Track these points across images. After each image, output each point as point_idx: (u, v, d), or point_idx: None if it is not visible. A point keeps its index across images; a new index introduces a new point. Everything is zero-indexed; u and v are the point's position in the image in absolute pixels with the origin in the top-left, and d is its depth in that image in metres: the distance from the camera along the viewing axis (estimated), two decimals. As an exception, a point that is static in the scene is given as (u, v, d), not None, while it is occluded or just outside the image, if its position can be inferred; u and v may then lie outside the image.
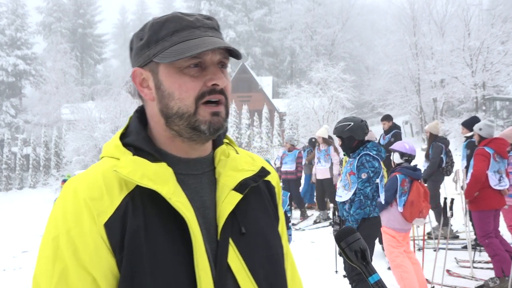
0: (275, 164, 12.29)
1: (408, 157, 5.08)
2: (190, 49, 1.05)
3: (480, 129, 5.75)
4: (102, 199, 1.04)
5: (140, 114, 1.19)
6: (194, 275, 1.04)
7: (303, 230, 9.73)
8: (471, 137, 7.03)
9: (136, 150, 1.11)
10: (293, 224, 9.73)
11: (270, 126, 31.39)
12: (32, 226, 14.06)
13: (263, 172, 1.23)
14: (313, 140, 12.33)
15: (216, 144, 1.22)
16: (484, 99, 25.43)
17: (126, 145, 1.13)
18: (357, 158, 4.51)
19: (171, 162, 1.12)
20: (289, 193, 5.42)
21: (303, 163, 11.19)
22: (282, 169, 10.80)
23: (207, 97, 1.09)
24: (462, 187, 6.87)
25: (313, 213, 11.24)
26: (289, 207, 5.32)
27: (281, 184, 10.90)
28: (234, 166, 1.18)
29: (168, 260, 1.03)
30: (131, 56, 1.18)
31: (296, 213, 11.16)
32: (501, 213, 5.89)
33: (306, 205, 11.44)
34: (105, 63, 60.78)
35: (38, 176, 32.32)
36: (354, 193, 4.45)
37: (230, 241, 1.10)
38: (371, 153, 4.49)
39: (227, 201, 1.12)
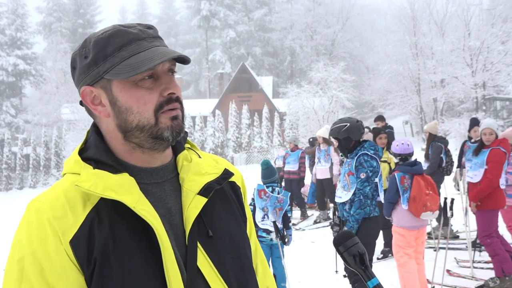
0: (274, 164, 12.28)
1: (401, 156, 5.09)
2: (143, 62, 1.05)
3: (497, 128, 5.67)
4: (66, 217, 1.03)
5: (98, 128, 1.18)
6: (165, 281, 1.04)
7: (303, 230, 9.73)
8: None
9: (97, 163, 1.10)
10: (293, 224, 9.74)
11: (270, 126, 31.41)
12: (32, 226, 14.06)
13: (227, 174, 1.23)
14: (311, 139, 12.33)
15: (178, 150, 1.22)
16: (484, 99, 25.43)
17: (86, 159, 1.12)
18: (355, 158, 4.51)
19: (132, 173, 1.12)
20: (289, 193, 5.42)
21: (308, 164, 11.19)
22: (285, 169, 10.80)
23: (166, 107, 1.10)
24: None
25: (313, 213, 11.24)
26: (289, 207, 5.32)
27: (283, 184, 10.93)
28: (197, 171, 1.19)
29: (138, 268, 1.03)
30: (74, 75, 1.16)
31: (296, 213, 11.16)
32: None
33: (315, 205, 11.44)
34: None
35: (38, 176, 32.34)
36: (354, 193, 4.45)
37: (198, 244, 1.11)
38: (369, 153, 4.49)
39: (193, 205, 1.12)
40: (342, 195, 4.59)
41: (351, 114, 27.13)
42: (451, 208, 5.51)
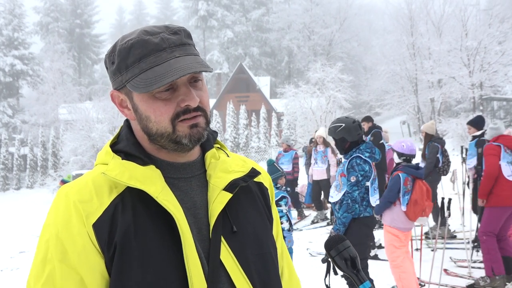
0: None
1: (406, 156, 5.05)
2: (157, 79, 1.06)
3: (485, 134, 5.97)
4: (91, 201, 1.08)
5: (130, 123, 1.23)
6: (185, 272, 1.06)
7: (301, 230, 9.73)
8: (480, 135, 7.07)
9: (126, 155, 1.15)
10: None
11: (268, 126, 31.40)
12: (29, 227, 14.02)
13: (254, 172, 1.26)
14: (313, 140, 12.31)
15: (206, 148, 1.25)
16: (482, 99, 25.49)
17: (117, 151, 1.17)
18: (348, 160, 4.46)
19: (160, 166, 1.16)
20: (285, 195, 5.33)
21: (304, 162, 11.14)
22: (278, 169, 10.75)
23: (182, 116, 1.12)
24: (467, 184, 6.89)
25: (311, 213, 11.24)
26: (289, 208, 5.26)
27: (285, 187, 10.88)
28: (224, 168, 1.21)
29: (158, 257, 1.06)
30: (108, 75, 1.22)
31: (293, 213, 11.16)
32: None
33: (312, 205, 11.40)
34: (103, 63, 60.62)
35: (36, 177, 32.25)
36: (344, 195, 4.42)
37: (222, 239, 1.13)
38: (362, 156, 4.41)
39: (218, 200, 1.15)
40: (334, 195, 4.57)
41: (348, 114, 27.14)
42: (448, 208, 5.51)
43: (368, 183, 4.42)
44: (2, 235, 13.12)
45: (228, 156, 1.28)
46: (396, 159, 5.14)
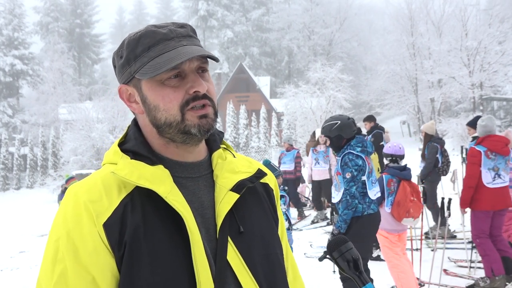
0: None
1: (390, 157, 5.08)
2: (166, 62, 1.08)
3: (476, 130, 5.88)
4: (101, 201, 1.08)
5: (137, 122, 1.24)
6: (193, 271, 1.06)
7: (301, 230, 9.73)
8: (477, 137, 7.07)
9: (135, 155, 1.15)
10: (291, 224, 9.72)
11: (268, 126, 31.41)
12: (29, 226, 14.04)
13: (260, 173, 1.26)
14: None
15: (213, 148, 1.26)
16: (482, 99, 25.49)
17: (125, 151, 1.17)
18: (341, 157, 4.42)
19: (168, 165, 1.16)
20: (286, 197, 5.34)
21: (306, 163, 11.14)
22: (281, 168, 10.76)
23: (191, 103, 1.13)
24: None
25: (311, 213, 11.24)
26: (288, 207, 5.26)
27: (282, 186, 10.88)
28: (231, 169, 1.22)
29: (167, 256, 1.06)
30: (115, 73, 1.22)
31: (293, 213, 11.15)
32: None
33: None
34: (103, 63, 60.71)
35: (36, 176, 32.27)
36: (343, 192, 4.39)
37: (229, 239, 1.14)
38: (354, 151, 4.38)
39: (225, 201, 1.15)
40: (335, 195, 4.56)
41: (348, 114, 27.14)
42: (448, 208, 5.51)
43: (364, 177, 4.37)
44: (2, 235, 13.12)
45: (234, 157, 1.28)
46: (385, 161, 5.20)
